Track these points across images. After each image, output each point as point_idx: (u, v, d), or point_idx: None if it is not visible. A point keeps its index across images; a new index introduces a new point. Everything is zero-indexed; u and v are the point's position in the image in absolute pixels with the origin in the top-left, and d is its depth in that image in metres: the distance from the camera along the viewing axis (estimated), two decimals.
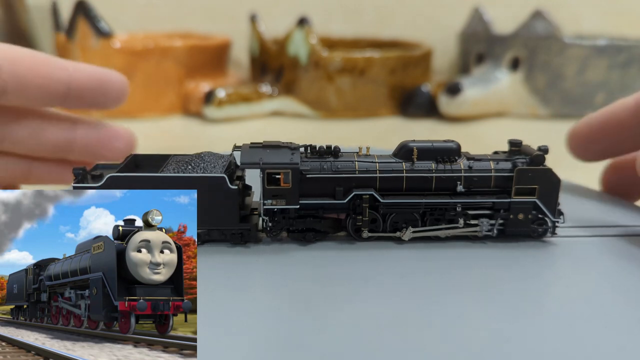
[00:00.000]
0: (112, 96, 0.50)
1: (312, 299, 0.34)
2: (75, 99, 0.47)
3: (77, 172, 0.40)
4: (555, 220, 0.42)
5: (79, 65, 0.48)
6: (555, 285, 0.37)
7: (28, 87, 0.44)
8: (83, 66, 0.48)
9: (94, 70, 0.48)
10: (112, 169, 0.42)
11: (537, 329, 0.31)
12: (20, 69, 0.43)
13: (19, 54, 0.44)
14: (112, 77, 0.49)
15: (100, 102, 0.50)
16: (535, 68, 0.95)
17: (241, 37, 1.07)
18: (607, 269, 0.39)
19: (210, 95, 0.91)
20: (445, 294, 0.35)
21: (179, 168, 0.40)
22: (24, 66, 0.43)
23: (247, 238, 0.41)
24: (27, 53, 0.45)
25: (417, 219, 0.42)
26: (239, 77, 1.07)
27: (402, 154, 0.42)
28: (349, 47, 1.05)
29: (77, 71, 0.47)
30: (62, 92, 0.46)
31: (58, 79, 0.45)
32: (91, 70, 0.48)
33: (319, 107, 0.96)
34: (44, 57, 0.46)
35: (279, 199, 0.40)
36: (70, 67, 0.46)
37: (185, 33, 1.08)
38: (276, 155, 0.40)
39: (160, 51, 0.93)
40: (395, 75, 0.96)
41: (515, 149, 0.43)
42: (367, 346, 0.29)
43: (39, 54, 0.46)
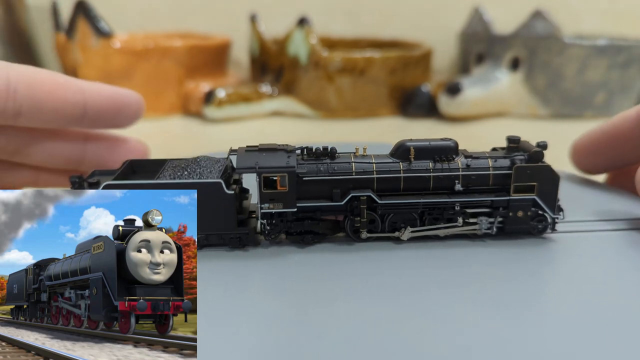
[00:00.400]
0: (128, 116, 0.49)
1: (311, 301, 0.34)
2: (91, 120, 0.47)
3: (74, 179, 0.40)
4: (554, 217, 0.42)
5: (96, 86, 0.47)
6: (556, 283, 0.37)
7: (43, 110, 0.43)
8: (100, 88, 0.47)
9: (111, 92, 0.48)
10: (109, 175, 0.42)
11: (537, 327, 0.31)
12: (36, 92, 0.42)
13: (37, 76, 0.43)
14: (129, 98, 0.49)
15: (116, 123, 0.49)
16: (535, 68, 0.95)
17: (241, 37, 1.07)
18: (608, 264, 0.39)
19: (210, 95, 0.91)
20: (445, 293, 0.35)
21: (175, 174, 0.40)
22: (40, 89, 0.43)
23: (246, 242, 0.41)
24: (44, 75, 0.44)
25: (416, 219, 0.42)
26: (239, 77, 1.07)
27: (400, 153, 0.42)
28: (349, 47, 1.05)
29: (93, 93, 0.46)
30: (78, 115, 0.46)
31: (74, 102, 0.45)
32: (108, 92, 0.47)
33: (319, 107, 0.96)
34: (61, 79, 0.45)
35: (276, 202, 0.40)
36: (87, 90, 0.46)
37: (185, 33, 1.08)
38: (272, 158, 0.40)
39: (160, 51, 0.93)
40: (395, 75, 0.96)
41: (514, 145, 0.43)
42: (366, 347, 0.29)
43: (56, 75, 0.45)
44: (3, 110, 0.41)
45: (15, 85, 0.41)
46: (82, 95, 0.45)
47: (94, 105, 0.46)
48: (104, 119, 0.48)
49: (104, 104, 0.47)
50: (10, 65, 0.42)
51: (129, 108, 0.49)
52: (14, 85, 0.41)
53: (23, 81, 0.42)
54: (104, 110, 0.47)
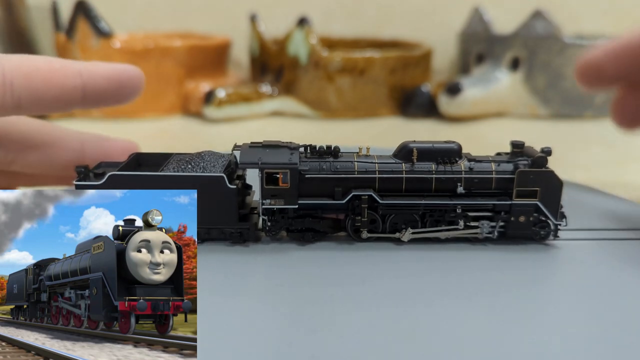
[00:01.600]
0: (128, 92, 0.49)
1: (311, 299, 0.34)
2: (92, 101, 0.46)
3: (80, 170, 0.41)
4: (557, 223, 0.41)
5: (93, 66, 0.46)
6: (556, 291, 0.36)
7: (42, 99, 0.43)
8: (97, 67, 0.46)
9: (109, 70, 0.47)
10: (114, 167, 0.43)
11: (537, 335, 0.31)
12: (34, 83, 0.42)
13: (33, 66, 0.42)
14: (127, 73, 0.48)
15: (117, 100, 0.49)
16: (535, 68, 0.95)
17: (241, 37, 1.07)
18: (611, 273, 0.38)
19: (210, 95, 0.91)
20: (444, 297, 0.35)
21: (179, 167, 0.41)
22: (37, 79, 0.42)
23: (247, 237, 0.41)
24: (40, 63, 0.43)
25: (417, 220, 0.42)
26: (239, 77, 1.07)
27: (402, 154, 0.42)
28: (349, 47, 1.05)
29: (91, 74, 0.45)
30: (77, 98, 0.45)
31: (73, 86, 0.44)
32: (106, 70, 0.47)
33: (319, 107, 0.96)
34: (57, 64, 0.44)
35: (278, 198, 0.40)
36: (84, 71, 0.45)
37: (185, 33, 1.08)
38: (275, 155, 0.40)
39: (160, 51, 0.93)
40: (395, 75, 0.96)
41: (518, 150, 0.43)
42: (365, 347, 0.29)
43: (53, 61, 0.44)
44: (2, 105, 0.41)
45: (11, 78, 0.41)
46: (80, 79, 0.45)
47: (93, 86, 0.46)
48: (104, 97, 0.47)
49: (103, 83, 0.46)
50: (5, 56, 0.41)
51: (129, 83, 0.49)
52: (10, 78, 0.41)
53: (19, 73, 0.41)
54: (104, 89, 0.46)
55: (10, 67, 0.41)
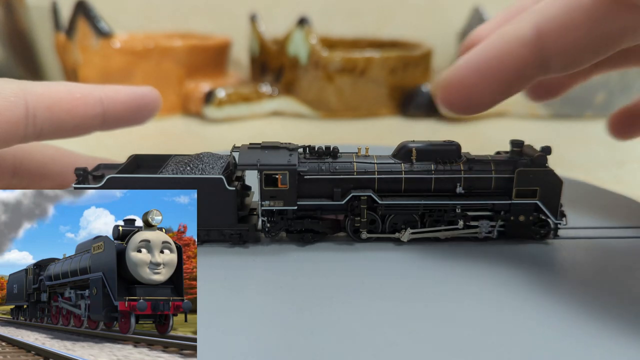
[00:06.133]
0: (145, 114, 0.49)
1: (311, 300, 0.34)
2: (110, 125, 0.46)
3: (79, 172, 0.41)
4: (557, 222, 0.41)
5: (114, 93, 0.46)
6: (557, 290, 0.36)
7: (63, 129, 0.43)
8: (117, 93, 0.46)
9: (129, 95, 0.47)
10: (114, 168, 0.42)
11: (537, 334, 0.31)
12: (56, 114, 0.42)
13: (56, 97, 0.42)
14: (146, 98, 0.48)
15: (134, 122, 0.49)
16: None
17: (241, 37, 1.07)
18: (611, 272, 0.38)
19: (210, 95, 0.91)
20: (444, 296, 0.35)
21: (178, 169, 0.41)
22: (60, 110, 0.42)
23: (246, 238, 0.41)
24: (62, 93, 0.43)
25: (417, 220, 0.42)
26: (239, 77, 1.07)
27: (402, 154, 0.42)
28: (349, 47, 1.05)
29: (112, 101, 0.45)
30: (97, 125, 0.45)
31: (94, 115, 0.44)
32: (126, 95, 0.47)
33: (319, 107, 0.96)
34: (77, 93, 0.44)
35: (277, 200, 0.40)
36: (105, 99, 0.45)
37: (185, 33, 1.08)
38: (274, 156, 0.40)
39: (160, 51, 0.93)
40: (395, 75, 0.96)
41: (517, 149, 0.43)
42: (365, 347, 0.29)
43: (73, 89, 0.44)
44: (24, 136, 0.41)
45: (34, 110, 0.40)
46: (101, 107, 0.45)
47: (113, 112, 0.46)
48: (122, 122, 0.47)
49: (122, 108, 0.46)
50: (27, 87, 0.41)
51: (147, 107, 0.49)
52: (33, 111, 0.40)
53: (42, 105, 0.41)
54: (122, 114, 0.47)
55: (33, 99, 0.41)
